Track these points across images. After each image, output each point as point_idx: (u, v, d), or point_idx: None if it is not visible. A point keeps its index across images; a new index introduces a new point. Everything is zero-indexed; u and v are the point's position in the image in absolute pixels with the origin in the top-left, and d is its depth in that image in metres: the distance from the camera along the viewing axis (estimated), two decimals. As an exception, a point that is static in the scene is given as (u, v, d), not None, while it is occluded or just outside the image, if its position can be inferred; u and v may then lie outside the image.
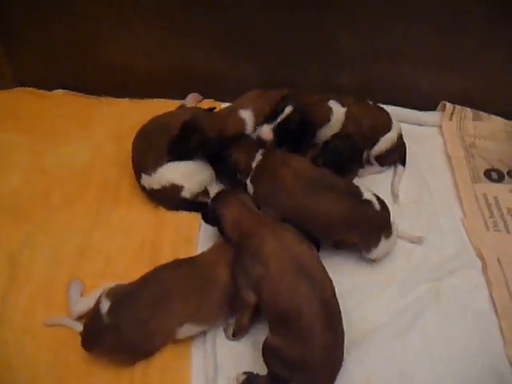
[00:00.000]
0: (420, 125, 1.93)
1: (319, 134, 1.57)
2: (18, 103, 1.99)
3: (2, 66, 2.01)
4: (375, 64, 1.85)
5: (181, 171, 1.55)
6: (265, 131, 1.48)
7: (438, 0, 1.66)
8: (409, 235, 1.51)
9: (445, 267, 1.45)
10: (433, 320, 1.33)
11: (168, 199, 1.58)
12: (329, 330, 1.12)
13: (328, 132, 1.57)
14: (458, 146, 1.82)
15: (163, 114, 1.67)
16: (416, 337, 1.30)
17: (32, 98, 2.01)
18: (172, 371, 1.21)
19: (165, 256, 1.44)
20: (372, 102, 1.72)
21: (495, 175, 1.73)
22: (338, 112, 1.56)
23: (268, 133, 1.48)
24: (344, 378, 1.20)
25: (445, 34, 1.74)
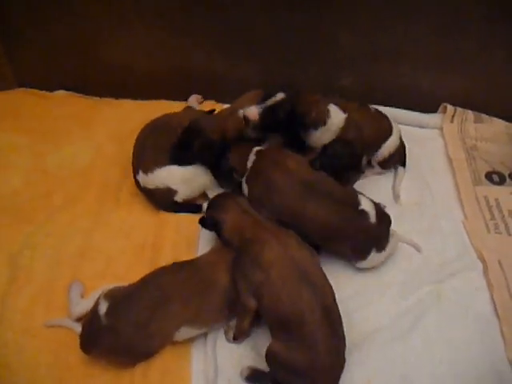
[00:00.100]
0: (421, 127, 1.93)
1: (313, 137, 1.54)
2: (19, 104, 1.99)
3: (3, 67, 2.02)
4: (375, 65, 1.86)
5: (177, 176, 1.55)
6: (251, 110, 1.46)
7: (439, 0, 1.66)
8: (409, 240, 1.50)
9: (446, 269, 1.45)
10: (434, 322, 1.33)
11: (159, 200, 1.59)
12: (331, 337, 1.12)
13: (324, 136, 1.54)
14: (459, 149, 1.82)
15: (172, 114, 1.68)
16: (417, 339, 1.29)
17: (33, 99, 2.02)
18: (172, 373, 1.21)
19: (165, 257, 1.44)
20: (372, 106, 1.72)
21: (496, 177, 1.72)
22: (338, 117, 1.54)
23: (254, 112, 1.45)
24: (345, 380, 1.20)
25: (445, 35, 1.74)
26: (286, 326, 1.13)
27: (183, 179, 1.55)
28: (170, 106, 1.82)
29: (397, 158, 1.70)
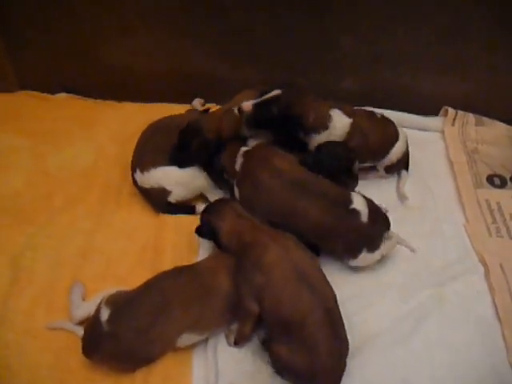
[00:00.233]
0: (422, 130, 1.93)
1: (316, 141, 1.54)
2: (21, 106, 1.99)
3: (5, 69, 2.02)
4: (376, 67, 1.86)
5: (172, 177, 1.55)
6: (246, 104, 1.48)
7: (439, 3, 1.66)
8: (406, 243, 1.49)
9: (447, 273, 1.45)
10: (435, 326, 1.33)
11: (154, 200, 1.60)
12: (333, 339, 1.12)
13: (326, 140, 1.54)
14: (461, 152, 1.82)
15: (174, 116, 1.69)
16: (418, 342, 1.29)
17: (35, 101, 2.02)
18: (173, 378, 1.21)
19: (166, 259, 1.44)
20: (374, 109, 1.72)
21: (498, 181, 1.72)
22: (341, 122, 1.54)
23: (248, 105, 1.47)
24: (345, 384, 1.21)
25: (446, 38, 1.74)
26: (287, 329, 1.13)
27: (178, 180, 1.56)
28: (171, 109, 1.82)
29: (402, 163, 1.70)
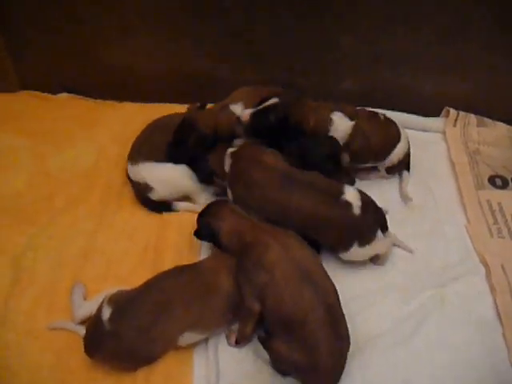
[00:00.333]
0: (424, 131, 1.93)
1: None
2: (23, 106, 1.99)
3: (6, 69, 2.01)
4: (377, 68, 1.85)
5: (156, 174, 1.56)
6: (244, 113, 1.49)
7: (440, 5, 1.66)
8: (403, 244, 1.49)
9: (449, 274, 1.45)
10: (436, 326, 1.33)
11: (138, 193, 1.62)
12: (334, 337, 1.12)
13: None
14: (462, 152, 1.82)
15: (175, 114, 1.69)
16: (419, 343, 1.29)
17: (36, 101, 2.02)
18: (174, 378, 1.21)
19: (168, 259, 1.44)
20: (375, 109, 1.71)
21: (499, 181, 1.72)
22: (343, 125, 1.54)
23: (246, 115, 1.49)
24: (347, 385, 1.21)
25: (447, 38, 1.74)
26: (288, 327, 1.14)
27: (162, 179, 1.57)
28: (172, 109, 1.82)
29: (403, 164, 1.70)
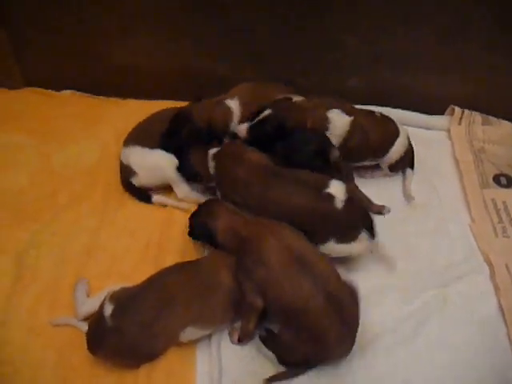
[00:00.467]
0: (428, 129, 1.92)
1: None
2: (26, 103, 1.99)
3: (10, 66, 2.02)
4: (379, 67, 1.85)
5: (142, 160, 1.58)
6: (240, 128, 1.52)
7: (440, 5, 1.65)
8: (388, 256, 1.44)
9: (452, 273, 1.44)
10: (438, 326, 1.32)
11: (121, 175, 1.65)
12: (340, 323, 1.13)
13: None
14: (467, 151, 1.81)
15: (179, 107, 1.69)
16: (420, 343, 1.28)
17: (40, 98, 2.02)
18: (176, 374, 1.21)
19: (171, 256, 1.44)
20: (378, 107, 1.71)
21: (504, 180, 1.71)
22: (341, 121, 1.53)
23: (242, 130, 1.51)
24: (349, 384, 1.20)
25: (448, 37, 1.73)
26: (293, 318, 1.14)
27: (146, 165, 1.58)
28: (176, 106, 1.80)
29: (406, 161, 1.69)
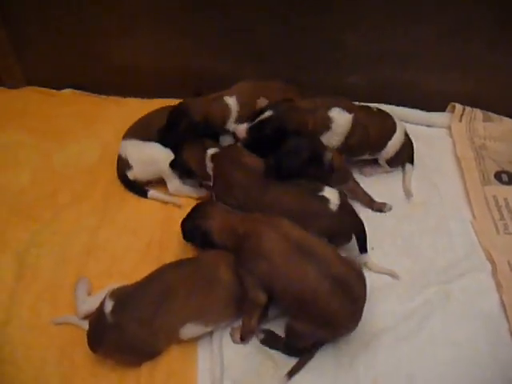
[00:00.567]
0: (429, 126, 1.92)
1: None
2: (27, 102, 2.00)
3: (11, 66, 2.02)
4: (381, 65, 1.85)
5: (139, 153, 1.60)
6: (239, 128, 1.51)
7: (443, 5, 1.65)
8: (384, 269, 1.42)
9: (454, 270, 1.44)
10: (440, 323, 1.32)
11: (118, 167, 1.66)
12: (349, 302, 1.16)
13: (332, 140, 1.53)
14: (468, 148, 1.81)
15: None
16: (424, 340, 1.29)
17: (40, 97, 2.02)
18: (178, 372, 1.21)
19: (172, 255, 1.44)
20: (380, 104, 1.70)
21: (505, 177, 1.71)
22: (343, 119, 1.52)
23: (241, 131, 1.50)
24: (352, 380, 1.21)
25: (451, 36, 1.73)
26: (304, 305, 1.15)
27: (142, 158, 1.60)
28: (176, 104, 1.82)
29: (404, 156, 1.69)
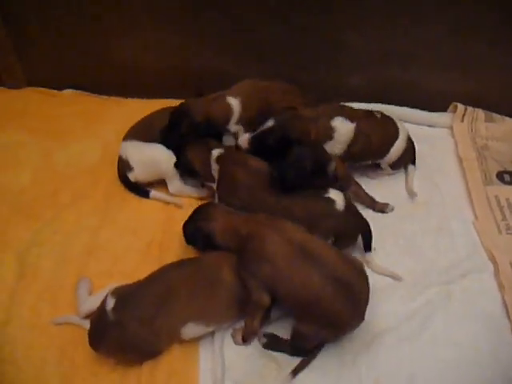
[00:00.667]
0: (431, 126, 1.91)
1: None
2: (28, 102, 2.00)
3: (13, 66, 2.03)
4: (384, 65, 1.85)
5: (139, 154, 1.60)
6: (242, 139, 1.53)
7: (446, 4, 1.65)
8: (386, 271, 1.43)
9: (456, 270, 1.43)
10: (442, 323, 1.32)
11: (119, 169, 1.66)
12: (352, 303, 1.16)
13: (335, 148, 1.53)
14: (470, 148, 1.80)
15: None
16: (426, 340, 1.28)
17: (42, 97, 2.03)
18: (179, 372, 1.21)
19: (173, 255, 1.44)
20: (382, 105, 1.70)
21: (507, 177, 1.70)
22: (345, 128, 1.52)
23: (244, 141, 1.51)
24: (353, 380, 1.21)
25: (453, 36, 1.73)
26: (308, 308, 1.15)
27: (142, 160, 1.60)
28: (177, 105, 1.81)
29: (406, 159, 1.69)
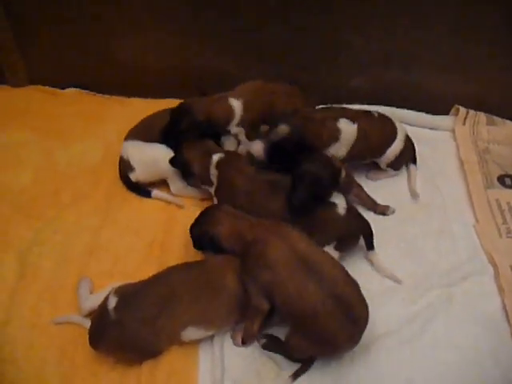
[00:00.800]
0: (433, 129, 1.91)
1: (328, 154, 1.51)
2: (30, 101, 2.00)
3: (15, 64, 2.03)
4: (387, 67, 1.85)
5: (137, 155, 1.60)
6: (255, 148, 1.48)
7: (448, 5, 1.65)
8: (387, 271, 1.43)
9: (456, 273, 1.43)
10: (442, 326, 1.32)
11: (120, 169, 1.66)
12: (349, 322, 1.13)
13: (340, 151, 1.53)
14: (471, 151, 1.80)
15: None
16: (426, 343, 1.28)
17: (44, 96, 2.03)
18: (179, 373, 1.21)
19: (174, 256, 1.44)
20: (384, 107, 1.70)
21: (509, 181, 1.70)
22: (350, 129, 1.52)
23: (258, 150, 1.47)
24: (353, 382, 1.20)
25: (454, 39, 1.73)
26: (302, 321, 1.14)
27: (143, 159, 1.60)
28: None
29: (406, 158, 1.69)
